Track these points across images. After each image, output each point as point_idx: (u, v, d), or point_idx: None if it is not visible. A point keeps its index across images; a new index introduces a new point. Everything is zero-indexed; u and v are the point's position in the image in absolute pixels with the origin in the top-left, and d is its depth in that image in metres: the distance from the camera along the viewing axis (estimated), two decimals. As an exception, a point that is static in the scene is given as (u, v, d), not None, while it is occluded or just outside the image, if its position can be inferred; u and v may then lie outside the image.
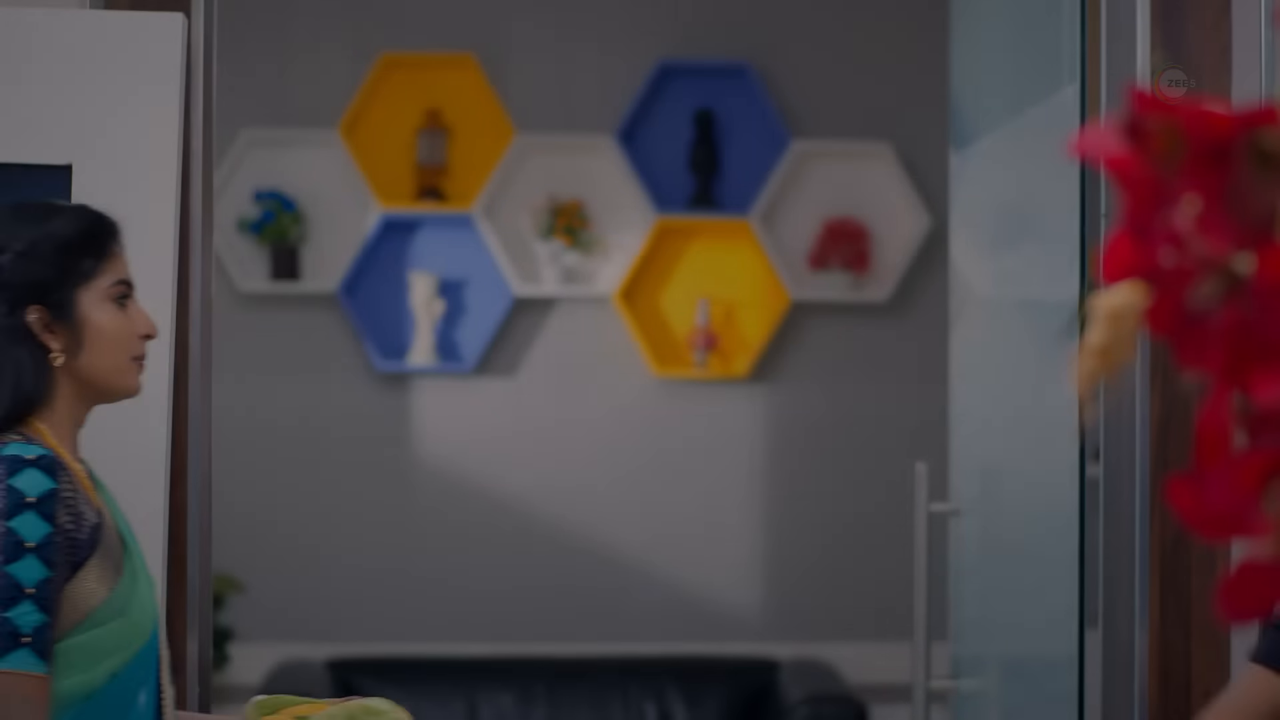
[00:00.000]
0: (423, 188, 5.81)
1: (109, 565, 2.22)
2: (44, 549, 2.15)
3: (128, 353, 2.31)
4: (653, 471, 5.81)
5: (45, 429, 2.27)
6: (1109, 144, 0.96)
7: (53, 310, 2.27)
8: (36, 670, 2.14)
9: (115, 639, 2.21)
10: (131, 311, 2.32)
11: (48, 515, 2.16)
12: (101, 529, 2.23)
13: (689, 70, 5.78)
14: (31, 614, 2.14)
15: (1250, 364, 0.94)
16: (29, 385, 2.26)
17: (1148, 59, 2.69)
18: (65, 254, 2.28)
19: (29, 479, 2.17)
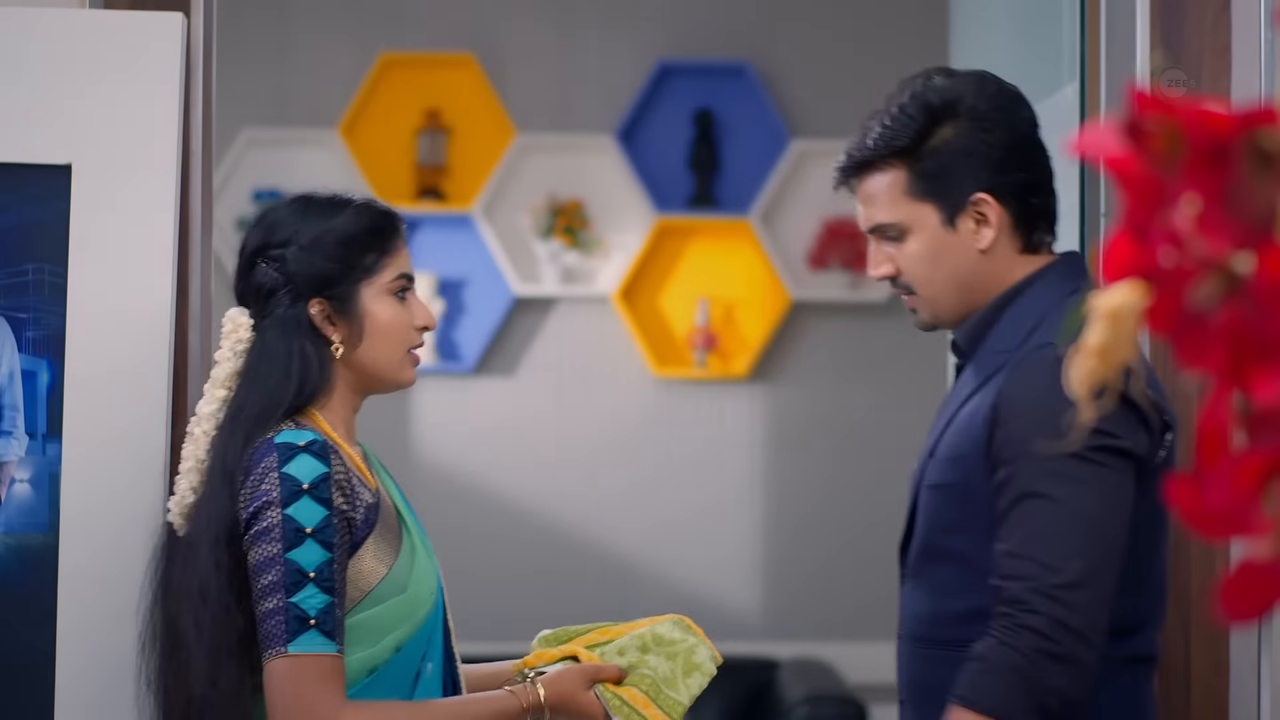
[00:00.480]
0: (422, 187, 5.81)
1: (387, 543, 2.28)
2: (321, 532, 2.20)
3: (405, 345, 2.36)
4: (652, 471, 5.81)
5: (320, 416, 2.32)
6: (1109, 143, 0.96)
7: (334, 303, 2.33)
8: (326, 650, 2.18)
9: (397, 614, 2.27)
10: (411, 304, 2.38)
11: (323, 499, 2.21)
12: (379, 508, 2.28)
13: (689, 70, 5.78)
14: (315, 596, 2.19)
15: (1250, 363, 0.94)
16: (314, 377, 2.31)
17: (1147, 59, 2.69)
18: (349, 249, 2.34)
19: (302, 465, 2.22)
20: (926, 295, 2.35)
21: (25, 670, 2.60)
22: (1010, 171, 2.33)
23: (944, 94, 2.33)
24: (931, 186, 2.32)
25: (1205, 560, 2.66)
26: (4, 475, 2.64)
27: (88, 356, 2.64)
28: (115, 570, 2.61)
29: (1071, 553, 2.16)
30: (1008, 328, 2.31)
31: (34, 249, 2.66)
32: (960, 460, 2.28)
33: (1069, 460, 2.17)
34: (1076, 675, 2.16)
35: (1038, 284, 2.33)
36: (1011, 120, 2.35)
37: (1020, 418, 2.21)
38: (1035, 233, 2.36)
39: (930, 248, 2.33)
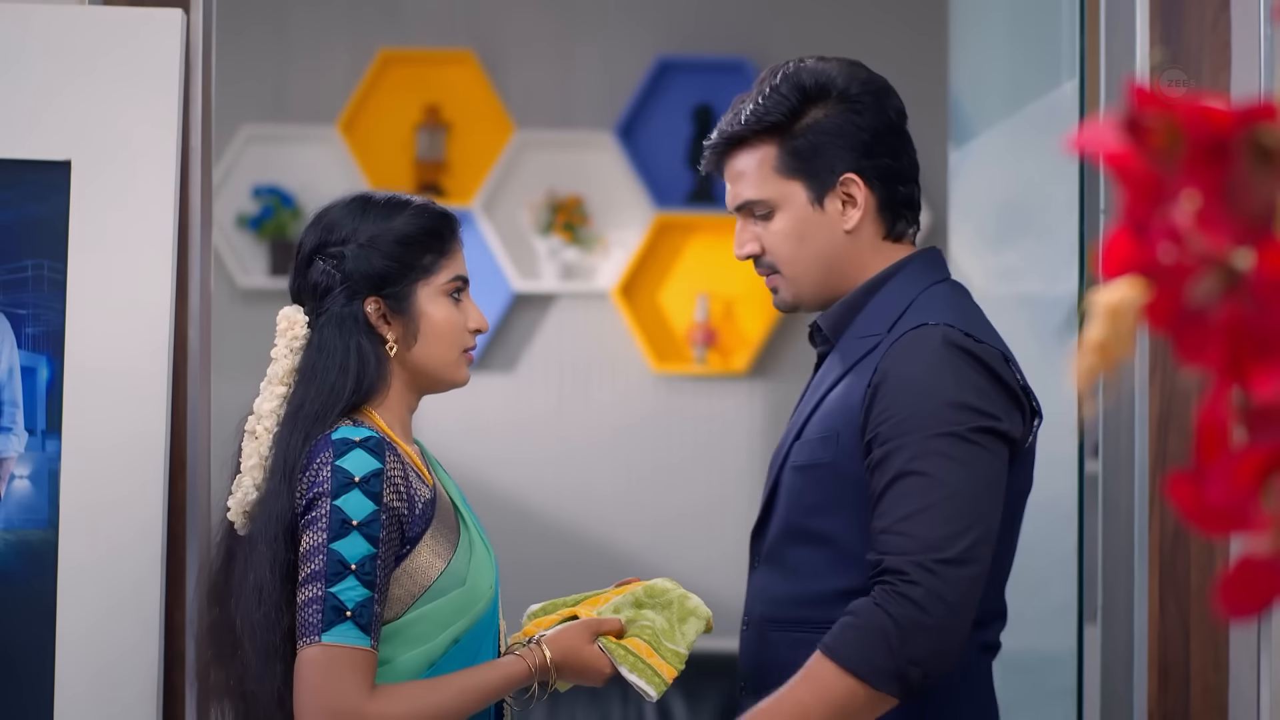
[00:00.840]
0: (422, 184, 5.80)
1: (444, 538, 2.31)
2: (368, 526, 2.21)
3: (459, 346, 2.39)
4: (652, 467, 5.81)
5: (376, 414, 2.34)
6: (1108, 140, 0.96)
7: (390, 302, 2.36)
8: (359, 644, 2.19)
9: (456, 607, 2.30)
10: (465, 306, 2.40)
11: (373, 494, 2.23)
12: (435, 504, 2.31)
13: (688, 66, 5.78)
14: (355, 589, 2.20)
15: (1249, 359, 0.94)
16: (371, 373, 2.34)
17: (1147, 55, 2.69)
18: (407, 249, 2.36)
19: (356, 459, 2.23)
20: (790, 275, 2.37)
21: (25, 666, 2.60)
22: (878, 156, 2.37)
23: (816, 76, 2.37)
24: (801, 165, 2.35)
25: (1204, 557, 2.66)
26: (4, 471, 2.64)
27: (87, 352, 2.64)
28: (115, 566, 2.61)
29: (952, 530, 2.17)
30: (874, 314, 2.34)
31: (33, 245, 2.66)
32: (831, 439, 2.30)
33: (950, 439, 2.19)
34: (944, 651, 2.17)
35: (901, 274, 2.37)
36: (881, 106, 2.38)
37: (899, 396, 2.22)
38: (899, 221, 2.40)
39: (797, 226, 2.36)
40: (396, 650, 2.27)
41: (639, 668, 2.34)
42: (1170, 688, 2.68)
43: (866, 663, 2.16)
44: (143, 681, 2.61)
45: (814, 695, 2.18)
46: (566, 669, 2.35)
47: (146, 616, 2.62)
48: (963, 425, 2.19)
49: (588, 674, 2.37)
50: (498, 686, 2.29)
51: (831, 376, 2.36)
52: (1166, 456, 2.68)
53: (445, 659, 2.30)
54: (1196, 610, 2.66)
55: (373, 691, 2.20)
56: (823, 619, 2.27)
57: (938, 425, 2.18)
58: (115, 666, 2.60)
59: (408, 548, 2.27)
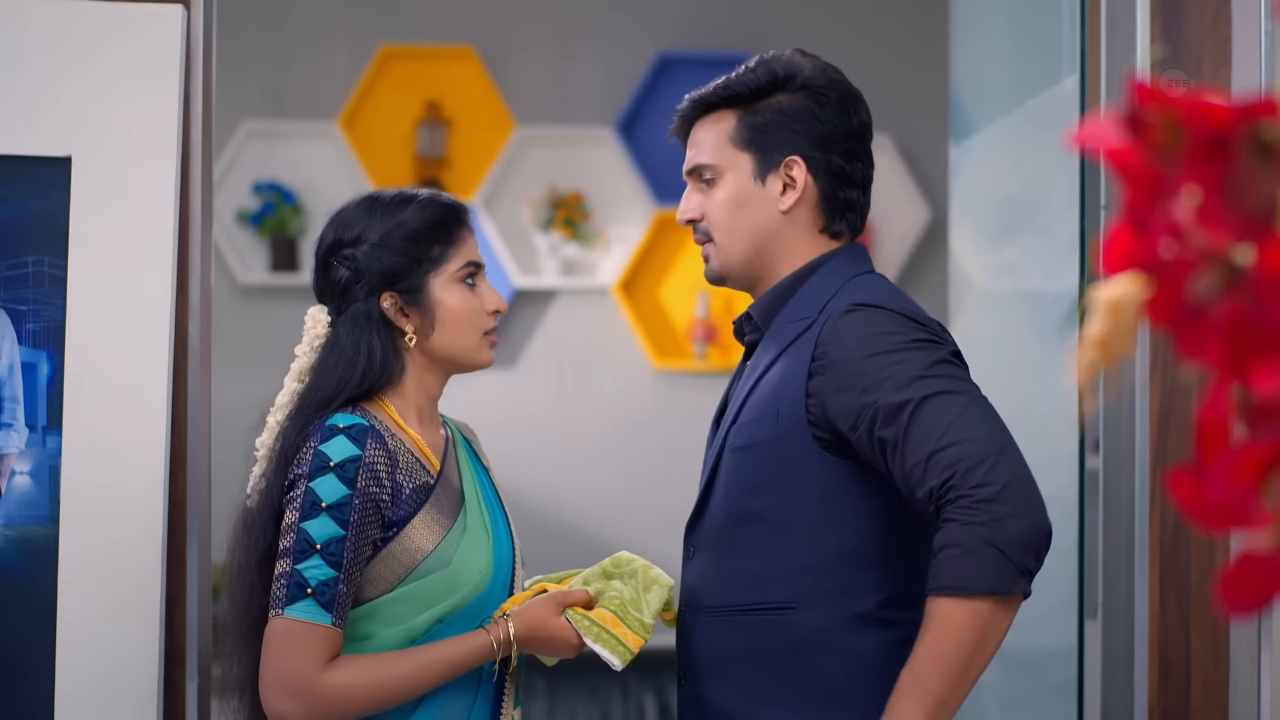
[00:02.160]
0: (422, 179, 5.80)
1: (436, 522, 2.38)
2: (338, 510, 2.30)
3: (478, 330, 2.46)
4: (652, 463, 5.81)
5: (389, 402, 2.44)
6: (1109, 135, 0.96)
7: (405, 295, 2.43)
8: (318, 620, 2.28)
9: (437, 589, 2.36)
10: (481, 290, 2.47)
11: (347, 479, 2.32)
12: (434, 489, 2.40)
13: (688, 62, 5.78)
14: (319, 568, 2.29)
15: (1250, 355, 0.94)
16: (376, 369, 2.42)
17: (1148, 51, 2.69)
18: (416, 243, 2.43)
19: (337, 445, 2.33)
20: (722, 243, 2.45)
21: (26, 661, 2.60)
22: (829, 152, 2.43)
23: (790, 65, 2.45)
24: (753, 138, 2.43)
25: (1205, 552, 2.66)
26: (4, 467, 2.64)
27: (88, 348, 2.64)
28: (116, 562, 2.61)
29: (989, 428, 2.20)
30: (803, 300, 2.40)
31: (34, 241, 2.66)
32: (770, 417, 2.34)
33: (935, 365, 2.24)
34: (1040, 525, 2.18)
35: (828, 265, 2.42)
36: (845, 109, 2.45)
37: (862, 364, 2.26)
38: (837, 221, 2.45)
39: (737, 196, 2.44)
40: (379, 627, 2.35)
41: (603, 638, 2.37)
42: (1171, 683, 2.68)
43: (991, 577, 2.15)
44: (143, 677, 2.61)
45: (949, 637, 2.17)
46: (534, 641, 2.39)
47: (147, 612, 2.62)
48: (936, 355, 2.25)
49: (555, 645, 2.39)
50: (460, 659, 2.34)
51: (765, 360, 2.40)
52: (1167, 452, 2.68)
53: (428, 638, 2.36)
54: (1197, 606, 2.66)
55: (328, 665, 2.28)
56: (771, 599, 2.32)
57: (915, 365, 2.23)
58: (116, 662, 2.60)
59: (393, 530, 2.35)
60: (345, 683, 2.29)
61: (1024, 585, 2.17)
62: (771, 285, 2.44)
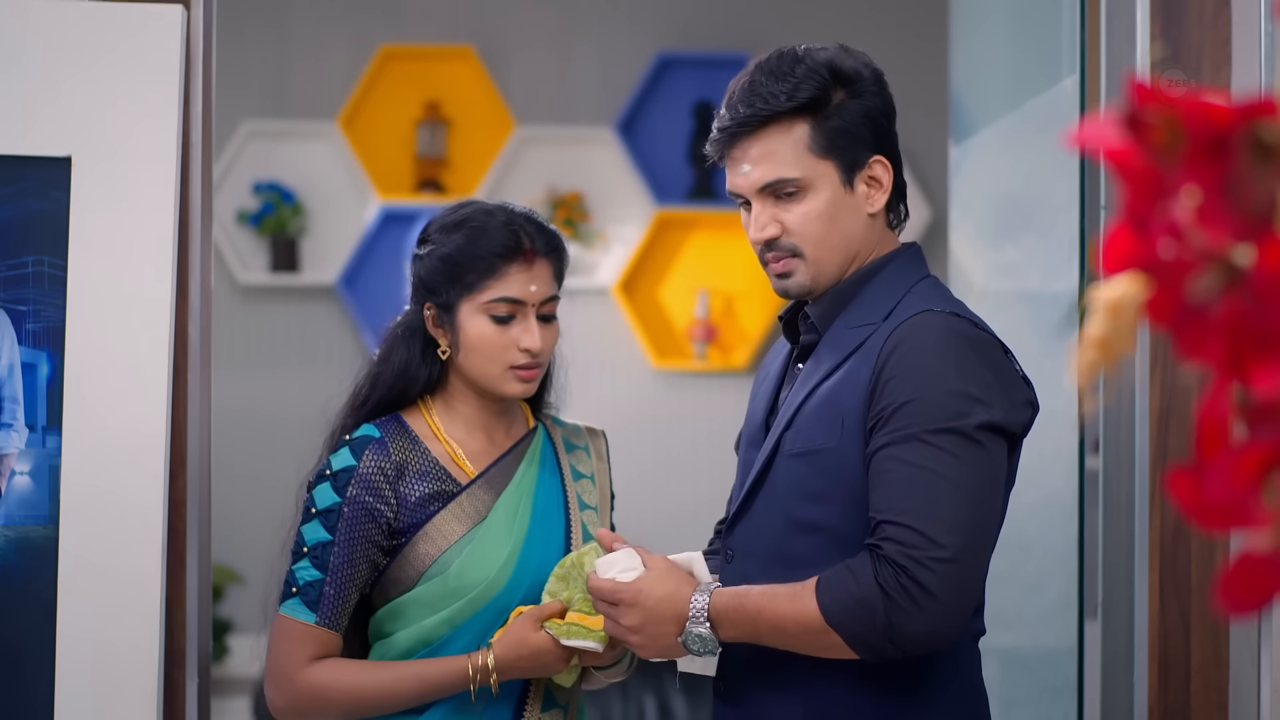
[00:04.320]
0: (422, 179, 5.80)
1: (450, 529, 2.46)
2: (327, 516, 2.43)
3: (500, 363, 2.48)
4: (652, 463, 5.80)
5: (431, 409, 2.53)
6: (1109, 136, 0.96)
7: (441, 312, 2.50)
8: (304, 618, 2.42)
9: (442, 593, 2.44)
10: (513, 327, 2.47)
11: (339, 488, 2.44)
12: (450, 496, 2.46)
13: (688, 62, 5.78)
14: (307, 570, 2.43)
15: (1250, 355, 0.94)
16: (410, 374, 2.51)
17: (1147, 51, 2.69)
18: (455, 264, 2.47)
19: (340, 456, 2.46)
20: (814, 256, 2.35)
21: (26, 661, 2.60)
22: (894, 144, 2.38)
23: (837, 58, 2.36)
24: (834, 143, 2.33)
25: (1205, 553, 2.67)
26: (4, 468, 2.64)
27: (88, 348, 2.64)
28: (116, 562, 2.61)
29: (954, 529, 2.16)
30: (865, 304, 2.34)
31: (34, 241, 2.66)
32: (835, 424, 2.27)
33: (953, 435, 2.18)
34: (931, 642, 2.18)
35: (890, 267, 2.37)
36: (886, 93, 2.39)
37: (904, 382, 2.21)
38: (898, 210, 2.41)
39: (828, 207, 2.34)
40: (396, 625, 2.47)
41: (576, 633, 2.39)
42: (1171, 683, 2.68)
43: (851, 630, 2.17)
44: (143, 677, 2.61)
45: (797, 627, 2.20)
46: (520, 660, 2.41)
47: (147, 612, 2.62)
48: (966, 420, 2.19)
49: (541, 658, 2.41)
50: (436, 679, 2.41)
51: (826, 365, 2.33)
52: (1167, 452, 2.68)
53: (445, 641, 2.44)
54: (1197, 606, 2.66)
55: (313, 662, 2.42)
56: None
57: (941, 417, 2.18)
58: (116, 662, 2.60)
59: (407, 536, 2.44)
60: (322, 681, 2.41)
61: (867, 655, 2.19)
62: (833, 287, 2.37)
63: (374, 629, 2.50)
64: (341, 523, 2.42)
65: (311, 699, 2.42)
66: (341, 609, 2.43)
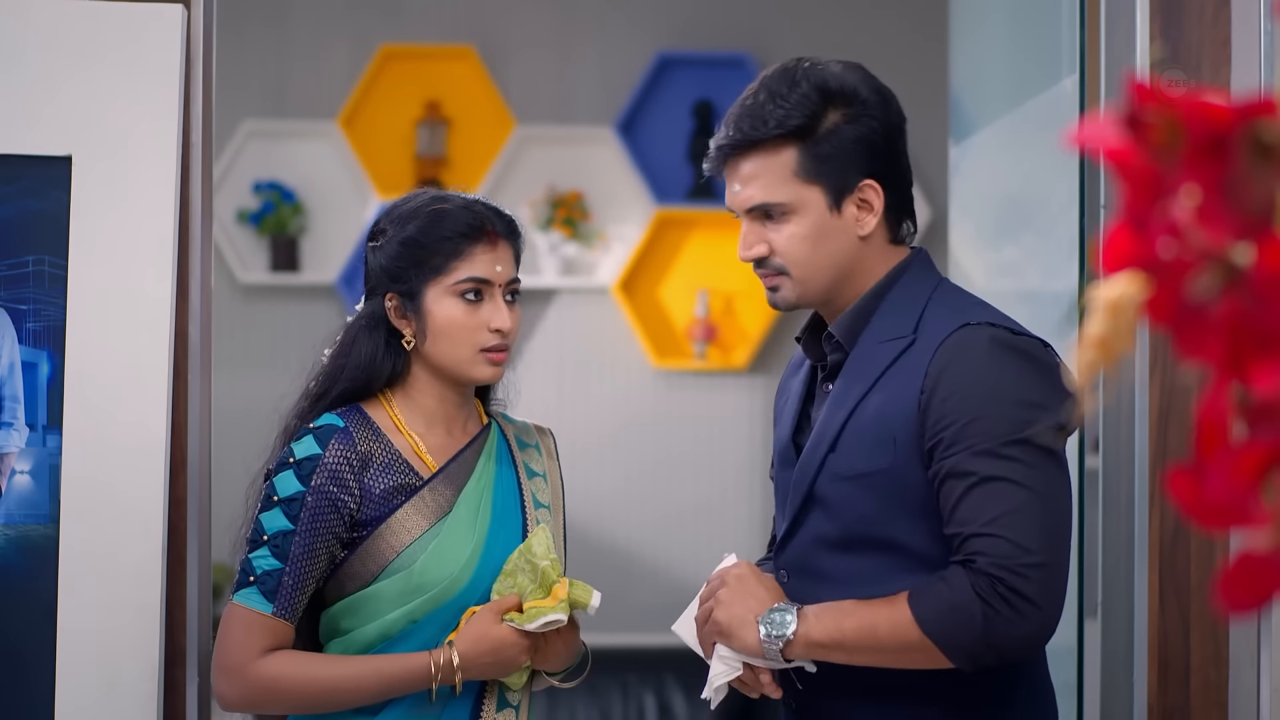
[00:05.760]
0: (422, 179, 5.80)
1: (413, 524, 2.42)
2: (289, 505, 2.38)
3: (470, 345, 2.45)
4: (652, 462, 5.81)
5: (392, 402, 2.49)
6: (1108, 135, 0.96)
7: (404, 300, 2.45)
8: (259, 608, 2.37)
9: (404, 588, 2.40)
10: (484, 307, 2.45)
11: (303, 477, 2.39)
12: (417, 490, 2.43)
13: (688, 61, 5.78)
14: (265, 559, 2.38)
15: (1249, 355, 0.94)
16: (375, 367, 2.47)
17: (1147, 51, 2.69)
18: (418, 249, 2.44)
19: (303, 444, 2.41)
20: (800, 277, 2.37)
21: (27, 661, 2.60)
22: (888, 161, 2.36)
23: (837, 79, 2.35)
24: (821, 169, 2.33)
25: (1204, 552, 2.67)
26: (4, 467, 2.64)
27: (88, 348, 2.64)
28: (116, 561, 2.61)
29: (1041, 534, 2.18)
30: (889, 317, 2.34)
31: (34, 240, 2.66)
32: (887, 445, 2.27)
33: (1023, 445, 2.20)
34: (1030, 647, 2.22)
35: (906, 276, 2.37)
36: (889, 111, 2.37)
37: (964, 402, 2.22)
38: (903, 225, 2.39)
39: (814, 230, 2.34)
40: (355, 621, 2.42)
41: (536, 613, 2.39)
42: (1170, 683, 2.68)
43: (949, 638, 2.19)
44: (144, 676, 2.61)
45: (890, 630, 2.21)
46: (483, 655, 2.39)
47: (147, 611, 2.62)
48: (1033, 429, 2.20)
49: (504, 651, 2.40)
50: (397, 675, 2.38)
51: (861, 383, 2.33)
52: (1166, 452, 2.68)
53: (403, 636, 2.41)
54: (1196, 605, 2.66)
55: (266, 653, 2.37)
56: None
57: (1009, 430, 2.20)
58: (116, 661, 2.61)
59: (368, 529, 2.40)
60: (275, 673, 2.36)
61: (965, 664, 2.22)
62: (849, 304, 2.38)
63: (328, 626, 2.45)
64: (304, 512, 2.38)
65: (264, 691, 2.37)
66: (298, 600, 2.39)
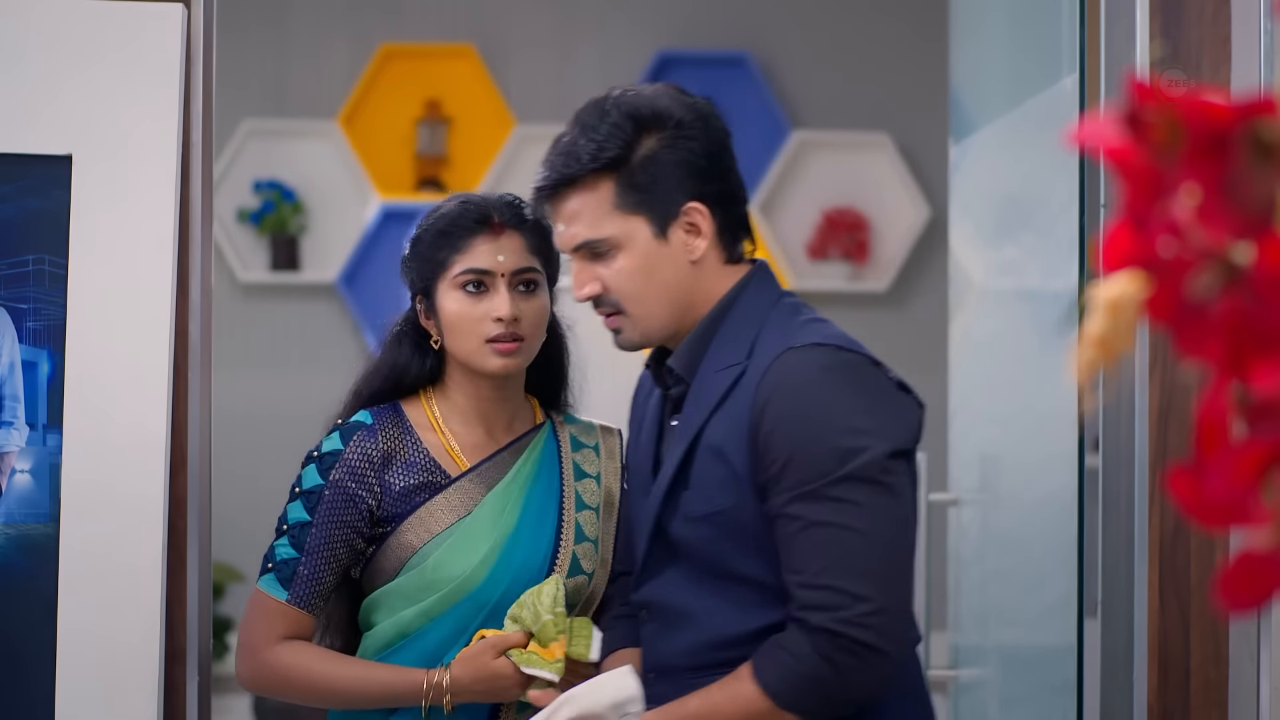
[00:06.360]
0: (422, 178, 5.80)
1: (434, 521, 2.46)
2: (308, 497, 2.45)
3: (476, 336, 2.47)
4: (652, 462, 5.80)
5: (431, 401, 2.53)
6: (1108, 134, 0.96)
7: (425, 301, 2.52)
8: (276, 595, 2.45)
9: (418, 586, 2.44)
10: (485, 297, 2.47)
11: (323, 471, 2.46)
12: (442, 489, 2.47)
13: (688, 60, 5.78)
14: (284, 548, 2.46)
15: (1249, 353, 0.94)
16: (399, 368, 2.53)
17: (1147, 50, 2.69)
18: (427, 247, 2.50)
19: (330, 439, 2.48)
20: (637, 313, 2.28)
21: (27, 660, 2.60)
22: (713, 181, 2.29)
23: (647, 104, 2.29)
24: (642, 198, 2.26)
25: (1204, 551, 2.67)
26: (5, 466, 2.64)
27: (88, 347, 2.64)
28: (116, 560, 2.61)
29: (874, 577, 2.12)
30: (726, 342, 2.25)
31: (34, 239, 2.66)
32: (730, 483, 2.20)
33: (852, 483, 2.13)
34: (880, 686, 2.17)
35: (743, 296, 2.28)
36: (710, 129, 2.32)
37: (788, 437, 2.15)
38: (737, 244, 2.31)
39: (643, 261, 2.26)
40: (379, 616, 2.48)
41: (534, 661, 2.39)
42: (1170, 682, 2.68)
43: (805, 705, 2.16)
44: (144, 675, 2.61)
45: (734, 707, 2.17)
46: (476, 683, 2.40)
47: (148, 610, 2.62)
48: (857, 462, 2.12)
49: (497, 682, 2.40)
50: (394, 685, 2.40)
51: (698, 417, 2.25)
52: (1167, 451, 2.68)
53: (419, 634, 2.45)
54: (1196, 604, 2.66)
55: (281, 640, 2.44)
56: (740, 658, 2.22)
57: (833, 465, 2.12)
58: (116, 660, 2.61)
59: (391, 525, 2.44)
60: (286, 663, 2.43)
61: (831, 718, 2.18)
62: (688, 332, 2.30)
63: (362, 619, 2.52)
64: (321, 505, 2.44)
65: (273, 677, 2.45)
66: (315, 591, 2.45)
